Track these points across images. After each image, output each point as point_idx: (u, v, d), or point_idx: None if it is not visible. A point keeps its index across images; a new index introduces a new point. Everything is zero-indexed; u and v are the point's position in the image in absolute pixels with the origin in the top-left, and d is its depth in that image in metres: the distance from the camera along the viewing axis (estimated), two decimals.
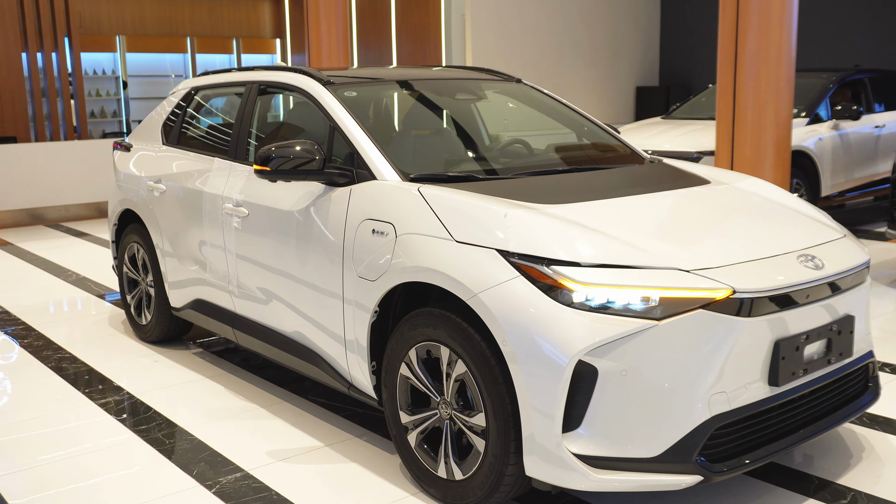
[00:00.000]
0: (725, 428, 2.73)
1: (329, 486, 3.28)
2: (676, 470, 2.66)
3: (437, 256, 2.99)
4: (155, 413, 4.07)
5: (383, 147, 3.52)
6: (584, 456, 2.66)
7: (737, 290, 2.69)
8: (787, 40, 6.07)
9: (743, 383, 2.73)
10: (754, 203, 3.48)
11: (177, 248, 4.67)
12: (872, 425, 3.74)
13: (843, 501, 3.08)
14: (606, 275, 2.68)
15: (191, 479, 3.37)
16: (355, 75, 4.16)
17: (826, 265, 2.96)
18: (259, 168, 3.49)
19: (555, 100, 4.49)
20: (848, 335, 3.05)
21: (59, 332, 5.50)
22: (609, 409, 2.65)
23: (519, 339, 2.70)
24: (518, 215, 2.91)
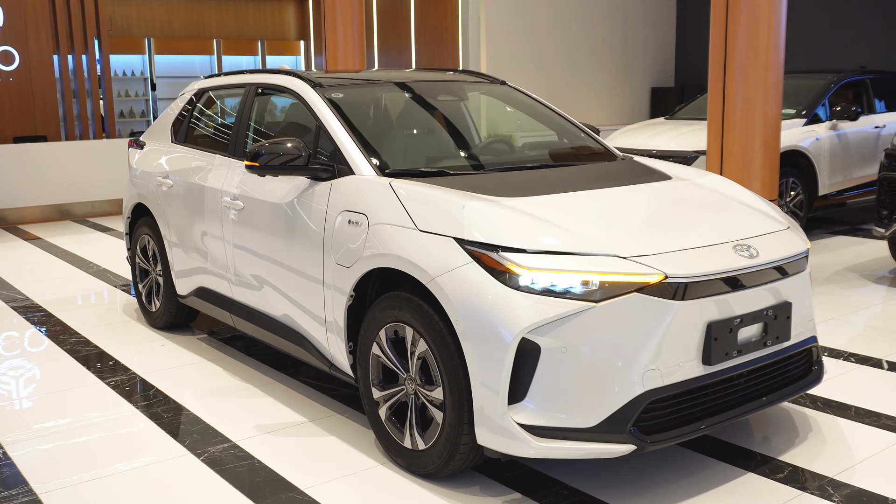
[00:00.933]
0: (660, 402, 2.98)
1: (307, 456, 3.57)
2: (611, 439, 2.90)
3: (402, 244, 3.26)
4: (157, 391, 4.39)
5: (363, 144, 3.81)
6: (528, 426, 2.92)
7: (669, 276, 2.93)
8: (775, 42, 6.26)
9: (677, 361, 2.97)
10: (705, 197, 3.72)
11: (182, 239, 4.99)
12: (825, 408, 3.95)
13: (780, 475, 3.30)
14: (550, 261, 2.93)
15: (182, 448, 3.68)
16: (345, 78, 4.45)
17: (761, 254, 3.19)
18: (249, 164, 3.79)
19: (537, 101, 4.74)
20: (785, 320, 3.27)
21: (76, 318, 5.85)
22: (551, 383, 2.90)
23: (470, 319, 2.97)
24: (475, 207, 3.18)
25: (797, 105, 8.19)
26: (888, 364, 4.56)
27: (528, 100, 4.76)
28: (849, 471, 3.32)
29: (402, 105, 4.43)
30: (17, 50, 12.35)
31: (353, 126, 3.93)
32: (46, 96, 12.60)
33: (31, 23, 12.41)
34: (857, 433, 3.69)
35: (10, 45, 12.29)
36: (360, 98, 4.33)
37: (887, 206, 6.25)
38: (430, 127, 4.36)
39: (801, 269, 3.39)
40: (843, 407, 3.97)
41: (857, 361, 4.61)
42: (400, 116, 4.35)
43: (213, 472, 3.45)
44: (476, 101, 4.72)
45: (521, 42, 12.88)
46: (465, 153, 4.30)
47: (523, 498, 3.17)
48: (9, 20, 12.23)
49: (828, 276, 6.60)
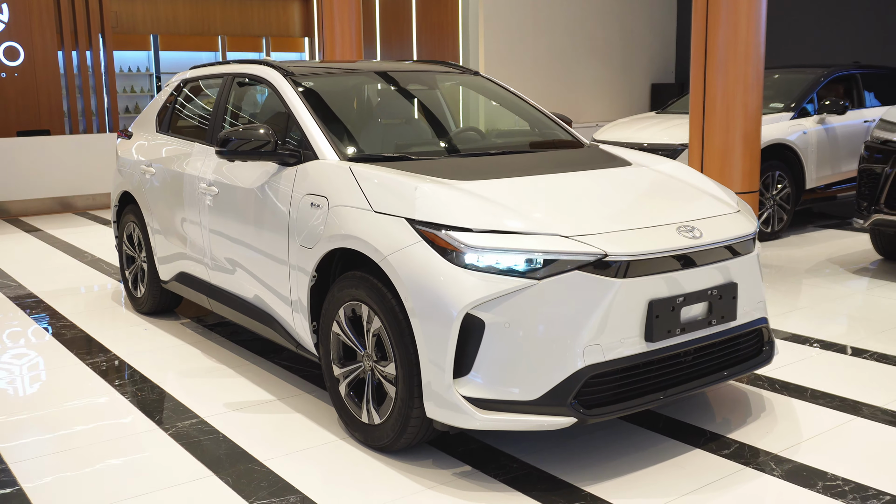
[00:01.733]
0: (602, 377, 3.07)
1: (271, 431, 3.69)
2: (553, 412, 3.00)
3: (357, 224, 3.37)
4: (134, 371, 4.52)
5: (329, 131, 3.92)
6: (473, 398, 3.02)
7: (609, 254, 3.03)
8: (756, 35, 6.33)
9: (618, 338, 3.06)
10: (659, 182, 3.80)
11: (164, 225, 5.12)
12: (781, 390, 4.03)
13: (725, 451, 3.39)
14: (494, 239, 3.03)
15: (152, 423, 3.80)
16: (320, 68, 4.56)
17: (705, 235, 3.28)
18: (219, 149, 3.91)
19: (509, 92, 4.84)
20: (730, 300, 3.36)
21: (65, 304, 6.00)
22: (494, 357, 3.00)
23: (418, 296, 3.07)
24: (427, 188, 3.28)
25: (786, 99, 8.25)
26: (852, 350, 4.63)
27: (500, 90, 4.86)
28: (794, 448, 3.41)
29: (374, 93, 4.55)
30: (23, 46, 12.54)
31: (320, 113, 4.04)
32: (51, 92, 12.80)
33: (35, 19, 12.60)
34: (809, 413, 3.77)
35: (15, 40, 12.49)
36: (331, 87, 4.44)
37: (867, 197, 6.31)
38: (399, 114, 4.47)
39: (748, 251, 3.47)
40: (799, 389, 4.05)
41: (821, 347, 4.68)
42: (370, 104, 4.46)
43: (177, 444, 3.57)
44: (449, 91, 4.83)
45: (520, 38, 12.97)
46: (432, 140, 4.41)
47: (473, 470, 3.27)
48: (14, 16, 12.43)
49: (809, 267, 6.66)
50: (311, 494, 3.11)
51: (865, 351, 4.60)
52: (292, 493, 3.12)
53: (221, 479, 3.24)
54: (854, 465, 3.26)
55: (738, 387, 4.09)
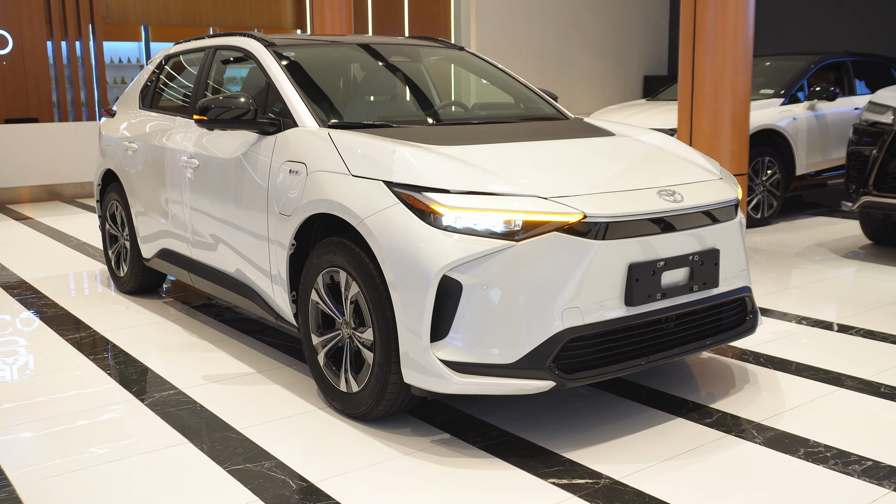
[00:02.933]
0: (581, 341, 3.03)
1: (249, 401, 3.64)
2: (531, 375, 2.96)
3: (336, 189, 3.33)
4: (113, 346, 4.47)
5: (309, 98, 3.87)
6: (451, 362, 2.97)
7: (588, 215, 2.98)
8: (744, 17, 6.30)
9: (598, 301, 3.02)
10: (641, 150, 3.77)
11: (146, 202, 5.07)
12: (766, 364, 3.99)
13: (707, 420, 3.35)
14: (472, 200, 2.99)
15: (129, 394, 3.76)
16: (303, 40, 4.51)
17: (686, 199, 3.24)
18: (198, 118, 3.86)
19: (495, 66, 4.80)
20: (712, 266, 3.32)
21: (49, 285, 5.94)
22: (472, 319, 2.96)
23: (395, 258, 3.03)
24: (405, 151, 3.24)
25: (776, 85, 8.22)
26: (838, 326, 4.60)
27: (486, 65, 4.82)
28: (776, 417, 3.37)
29: (357, 65, 4.50)
30: (11, 34, 12.46)
31: (300, 81, 3.99)
32: (40, 81, 12.72)
33: (24, 7, 12.53)
34: (793, 385, 3.73)
35: (3, 29, 12.41)
36: (314, 58, 4.40)
37: (855, 180, 6.28)
38: (382, 86, 4.43)
39: (730, 217, 3.43)
40: (784, 363, 4.01)
41: (808, 325, 4.65)
42: (353, 75, 4.41)
43: (154, 413, 3.52)
44: (435, 65, 4.79)
45: (512, 29, 12.93)
46: (415, 111, 4.36)
47: (451, 437, 3.23)
48: (2, 4, 12.35)
49: (798, 251, 6.63)
50: (287, 460, 3.06)
51: (852, 328, 4.57)
52: (267, 459, 3.07)
53: (196, 446, 3.19)
54: (836, 432, 3.23)
55: (723, 360, 4.06)
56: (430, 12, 14.33)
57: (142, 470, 3.02)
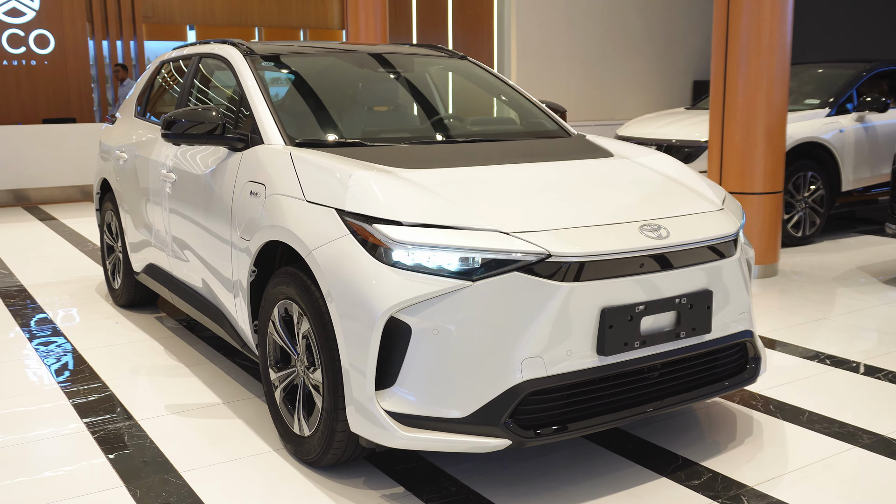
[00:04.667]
0: (545, 394, 2.70)
1: (203, 439, 3.40)
2: (484, 432, 2.65)
3: (288, 215, 3.06)
4: (87, 367, 4.28)
5: (280, 113, 3.61)
6: (397, 413, 2.68)
7: (553, 254, 2.66)
8: (781, 24, 5.85)
9: (564, 350, 2.69)
10: (636, 175, 3.41)
11: (134, 214, 4.88)
12: (775, 412, 3.60)
13: (695, 481, 2.99)
14: (425, 234, 2.69)
15: (81, 424, 3.54)
16: (289, 48, 4.25)
17: (672, 235, 2.89)
18: (163, 132, 3.63)
19: (498, 78, 4.48)
20: (704, 310, 2.95)
21: (47, 294, 5.81)
22: (421, 367, 2.66)
23: (341, 295, 2.75)
24: (361, 176, 2.95)
25: (823, 95, 7.72)
26: (865, 368, 4.17)
27: (488, 76, 4.50)
28: (773, 481, 2.99)
29: (344, 75, 4.22)
30: (53, 34, 12.54)
31: (273, 95, 3.73)
32: (81, 80, 12.77)
33: (66, 7, 12.58)
34: (801, 440, 3.34)
35: (45, 28, 12.49)
36: (297, 68, 4.13)
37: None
38: (368, 98, 4.14)
39: (727, 255, 3.06)
40: (795, 411, 3.61)
41: (832, 364, 4.23)
42: (337, 87, 4.13)
43: (99, 449, 3.30)
44: (431, 76, 4.48)
45: (554, 31, 12.54)
46: (399, 126, 4.06)
47: (405, 493, 2.93)
48: (45, 4, 12.42)
49: (836, 276, 6.16)
50: None
51: (881, 370, 4.13)
52: None
53: (129, 491, 2.95)
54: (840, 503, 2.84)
55: (728, 406, 3.68)
56: (472, 15, 14.03)
57: None
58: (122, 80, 12.23)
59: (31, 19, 12.37)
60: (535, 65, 12.39)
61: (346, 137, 3.64)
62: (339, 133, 3.74)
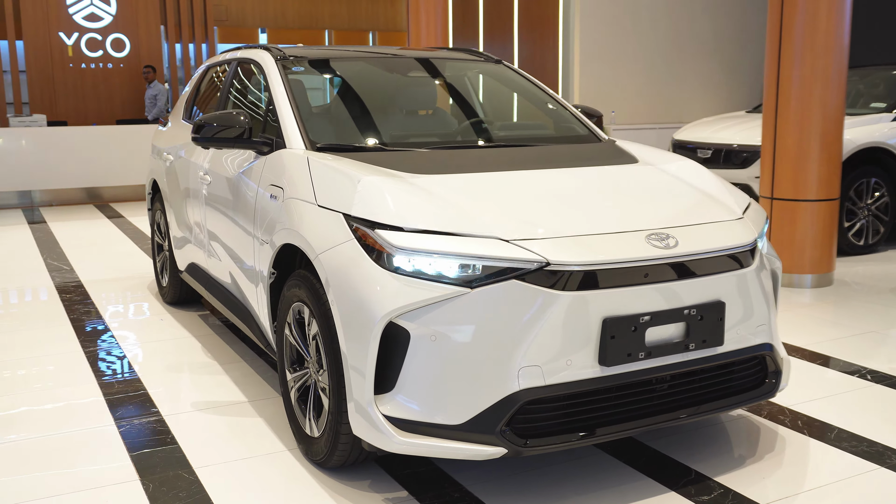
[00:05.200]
0: (543, 403, 2.68)
1: (223, 436, 3.47)
2: (480, 440, 2.64)
3: (301, 219, 3.11)
4: (124, 362, 4.42)
5: (305, 118, 3.66)
6: (394, 418, 2.69)
7: (552, 262, 2.63)
8: (838, 26, 5.65)
9: (563, 359, 2.66)
10: (655, 182, 3.34)
11: (178, 213, 5.02)
12: (803, 428, 3.49)
13: (704, 497, 2.92)
14: (425, 240, 2.69)
15: (110, 418, 3.66)
16: (320, 54, 4.31)
17: (681, 244, 2.82)
18: (193, 136, 3.73)
19: (531, 83, 4.45)
20: (716, 322, 2.88)
21: (101, 289, 6.02)
22: (419, 373, 2.66)
23: (343, 299, 2.78)
24: (370, 181, 2.97)
25: (890, 99, 7.42)
26: None
27: (522, 81, 4.48)
28: (786, 499, 2.90)
29: (371, 81, 4.25)
30: (129, 38, 12.97)
31: (301, 99, 3.79)
32: None
33: (141, 11, 13.01)
34: (825, 457, 3.23)
35: (121, 32, 12.93)
36: (325, 74, 4.19)
37: None
38: (396, 103, 4.16)
39: (743, 265, 2.97)
40: (824, 428, 3.49)
41: (872, 380, 4.07)
42: (364, 93, 4.16)
43: (122, 443, 3.40)
44: (463, 79, 4.48)
45: (619, 32, 12.37)
46: (422, 130, 4.07)
47: (408, 497, 2.94)
48: (121, 9, 12.87)
49: (894, 286, 5.91)
50: None
51: None
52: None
53: (143, 485, 3.04)
54: None
55: (754, 420, 3.58)
56: (538, 16, 13.96)
57: None
58: (150, 82, 12.53)
59: (107, 24, 12.83)
60: (599, 66, 12.24)
61: (368, 142, 3.67)
62: (362, 138, 3.78)
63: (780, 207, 5.94)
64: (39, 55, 12.47)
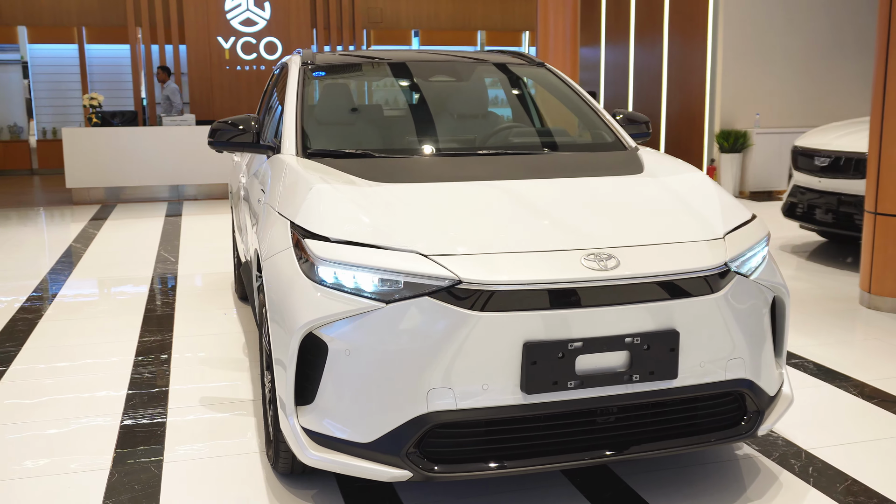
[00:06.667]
0: (458, 428, 2.55)
1: (210, 432, 3.56)
2: (387, 461, 2.55)
3: (265, 224, 3.14)
4: (168, 354, 4.64)
5: (304, 124, 3.68)
6: (311, 431, 2.65)
7: (464, 280, 2.49)
8: None
9: (479, 383, 2.51)
10: (636, 196, 3.08)
11: (237, 213, 5.21)
12: (812, 475, 3.11)
13: None
14: (348, 252, 2.63)
15: (119, 408, 3.85)
16: (346, 60, 4.32)
17: (623, 265, 2.59)
18: (209, 140, 3.85)
19: (568, 86, 4.25)
20: (667, 353, 2.62)
21: (190, 283, 6.37)
22: (335, 387, 2.61)
23: (273, 307, 2.78)
24: (318, 190, 2.94)
25: None
26: None
27: (560, 84, 4.28)
28: None
29: (388, 87, 4.21)
30: (281, 41, 13.62)
31: (307, 105, 3.82)
32: None
33: (293, 16, 13.62)
34: None
35: (274, 36, 13.60)
36: (343, 80, 4.19)
37: None
38: (403, 109, 4.10)
39: (706, 291, 2.68)
40: (837, 478, 3.10)
41: None
42: (378, 98, 4.13)
43: (116, 433, 3.57)
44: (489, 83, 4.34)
45: (769, 28, 11.58)
46: (424, 136, 3.95)
47: None
48: (275, 14, 13.53)
49: None
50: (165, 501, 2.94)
51: None
52: (150, 500, 2.96)
53: (110, 473, 3.17)
54: None
55: (758, 461, 3.24)
56: (688, 13, 13.35)
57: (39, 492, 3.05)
58: (163, 83, 12.94)
59: (261, 28, 13.53)
60: (744, 66, 11.53)
61: (361, 149, 3.62)
62: (356, 144, 3.75)
63: (885, 224, 5.34)
64: (200, 58, 13.34)
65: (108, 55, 14.97)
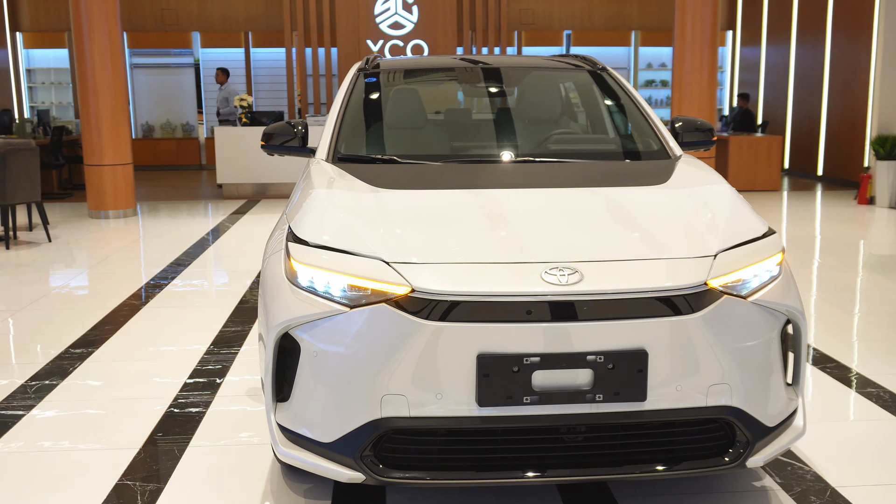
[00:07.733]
0: (417, 435, 2.57)
1: (234, 421, 3.75)
2: (343, 462, 2.60)
3: (278, 227, 3.26)
4: (236, 346, 4.90)
5: (347, 128, 3.79)
6: (285, 428, 2.76)
7: (417, 289, 2.50)
8: None
9: (433, 393, 2.52)
10: (639, 208, 2.95)
11: None
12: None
13: None
14: (321, 257, 2.70)
15: (174, 392, 4.13)
16: (399, 65, 4.39)
17: (584, 281, 2.50)
18: (262, 144, 4.05)
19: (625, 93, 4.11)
20: (633, 374, 2.51)
21: None
22: (304, 387, 2.69)
23: (261, 305, 2.91)
24: (315, 195, 3.04)
25: None
26: None
27: (617, 90, 4.16)
28: None
29: (435, 93, 4.24)
30: (427, 43, 13.92)
31: (352, 110, 3.92)
32: None
33: (440, 18, 13.87)
34: None
35: (421, 38, 13.91)
36: (391, 85, 4.25)
37: None
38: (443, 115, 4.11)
39: (677, 312, 2.53)
40: None
41: None
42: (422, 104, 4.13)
43: (158, 417, 3.83)
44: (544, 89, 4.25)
45: None
46: (459, 142, 3.93)
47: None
48: (422, 17, 13.84)
49: None
50: (171, 485, 3.14)
51: None
52: (156, 482, 3.17)
53: (137, 452, 3.42)
54: None
55: (775, 494, 3.02)
56: (852, 11, 12.47)
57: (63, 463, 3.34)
58: (221, 84, 13.18)
59: (409, 31, 13.88)
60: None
61: (391, 154, 3.66)
62: (386, 150, 3.81)
63: None
64: (350, 61, 13.86)
65: (271, 58, 15.85)
